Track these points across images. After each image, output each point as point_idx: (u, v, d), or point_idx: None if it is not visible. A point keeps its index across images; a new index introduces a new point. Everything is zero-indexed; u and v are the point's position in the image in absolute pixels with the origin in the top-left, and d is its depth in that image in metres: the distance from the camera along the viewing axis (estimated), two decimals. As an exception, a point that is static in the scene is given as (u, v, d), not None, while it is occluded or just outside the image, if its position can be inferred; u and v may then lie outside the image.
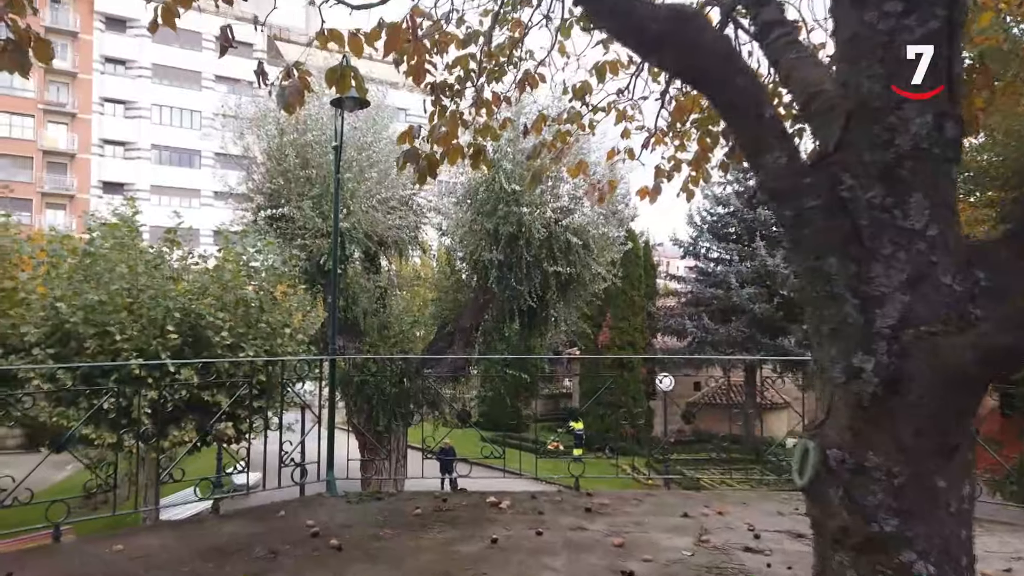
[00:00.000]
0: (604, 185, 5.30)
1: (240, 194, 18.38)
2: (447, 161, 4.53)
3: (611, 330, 29.62)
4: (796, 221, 1.98)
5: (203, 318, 13.03)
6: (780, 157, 1.96)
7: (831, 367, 1.99)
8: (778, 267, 27.15)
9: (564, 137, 4.77)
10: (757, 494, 5.03)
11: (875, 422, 1.87)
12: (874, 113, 1.83)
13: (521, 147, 15.97)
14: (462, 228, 16.40)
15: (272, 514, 4.68)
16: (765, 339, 27.97)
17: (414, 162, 4.35)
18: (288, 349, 14.09)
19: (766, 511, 4.75)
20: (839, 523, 1.93)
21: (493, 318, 17.47)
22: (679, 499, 4.99)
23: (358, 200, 16.37)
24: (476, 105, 4.38)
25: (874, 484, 1.86)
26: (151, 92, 49.73)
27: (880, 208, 1.85)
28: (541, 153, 4.77)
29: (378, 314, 18.46)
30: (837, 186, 1.89)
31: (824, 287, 1.96)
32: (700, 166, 4.87)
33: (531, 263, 16.04)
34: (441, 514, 4.65)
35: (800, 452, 2.03)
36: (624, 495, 5.05)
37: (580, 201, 16.80)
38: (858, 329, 1.90)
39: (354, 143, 16.61)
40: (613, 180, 5.19)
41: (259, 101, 18.29)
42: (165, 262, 13.57)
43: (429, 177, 4.49)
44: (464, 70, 4.33)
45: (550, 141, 4.77)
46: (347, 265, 17.98)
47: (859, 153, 1.85)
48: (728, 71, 2.05)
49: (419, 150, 4.37)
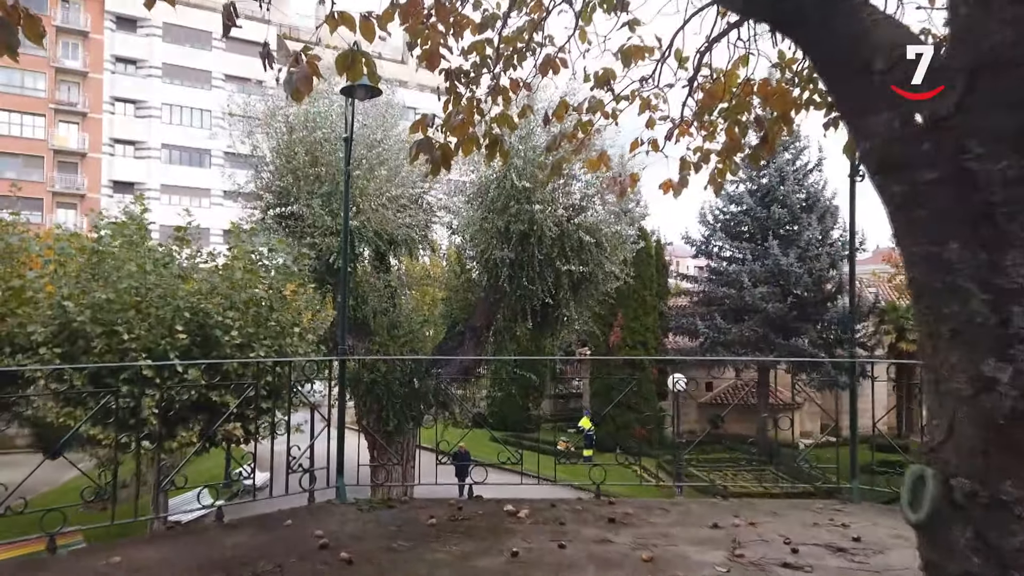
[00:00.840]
0: (625, 179, 5.05)
1: (249, 193, 18.23)
2: (462, 152, 4.30)
3: (622, 330, 29.32)
4: (909, 198, 1.66)
5: (212, 317, 12.83)
6: (892, 120, 1.65)
7: (951, 376, 1.65)
8: (791, 266, 26.79)
9: (586, 127, 4.53)
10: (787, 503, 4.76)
11: (1013, 445, 1.53)
12: (1006, 66, 1.48)
13: (533, 144, 15.73)
14: (473, 226, 16.17)
15: (279, 523, 4.44)
16: (778, 339, 27.62)
17: (427, 152, 4.12)
18: (298, 349, 13.89)
19: (801, 522, 4.48)
20: (966, 569, 1.59)
21: (504, 317, 17.24)
22: (706, 508, 4.73)
23: (368, 198, 16.17)
24: (492, 93, 4.14)
25: (1014, 523, 1.51)
26: (161, 91, 49.77)
27: (1017, 182, 1.50)
28: (561, 144, 4.52)
29: (388, 313, 18.27)
30: (961, 155, 1.56)
31: (943, 279, 1.63)
32: (728, 157, 4.61)
33: (543, 262, 15.79)
34: (457, 524, 4.41)
35: (912, 480, 1.69)
36: (649, 504, 4.78)
37: (592, 199, 16.55)
38: (989, 330, 1.56)
39: (364, 140, 16.42)
40: (635, 174, 4.92)
41: (268, 99, 18.14)
42: (174, 261, 13.39)
43: (443, 169, 4.26)
44: (480, 56, 4.10)
45: (571, 131, 4.53)
46: (356, 264, 17.79)
47: (986, 115, 1.51)
48: (828, 12, 1.75)
49: (432, 140, 4.14)
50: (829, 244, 28.54)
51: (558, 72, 3.99)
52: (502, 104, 4.16)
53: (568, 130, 4.52)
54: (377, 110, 17.26)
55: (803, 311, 28.07)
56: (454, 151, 4.23)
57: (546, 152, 4.46)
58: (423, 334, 19.97)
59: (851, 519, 4.45)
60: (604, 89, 4.41)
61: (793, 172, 28.52)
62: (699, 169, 4.57)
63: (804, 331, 27.66)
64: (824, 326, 28.77)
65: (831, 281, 28.17)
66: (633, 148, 4.74)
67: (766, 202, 28.33)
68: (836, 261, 28.23)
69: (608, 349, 29.35)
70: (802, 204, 28.17)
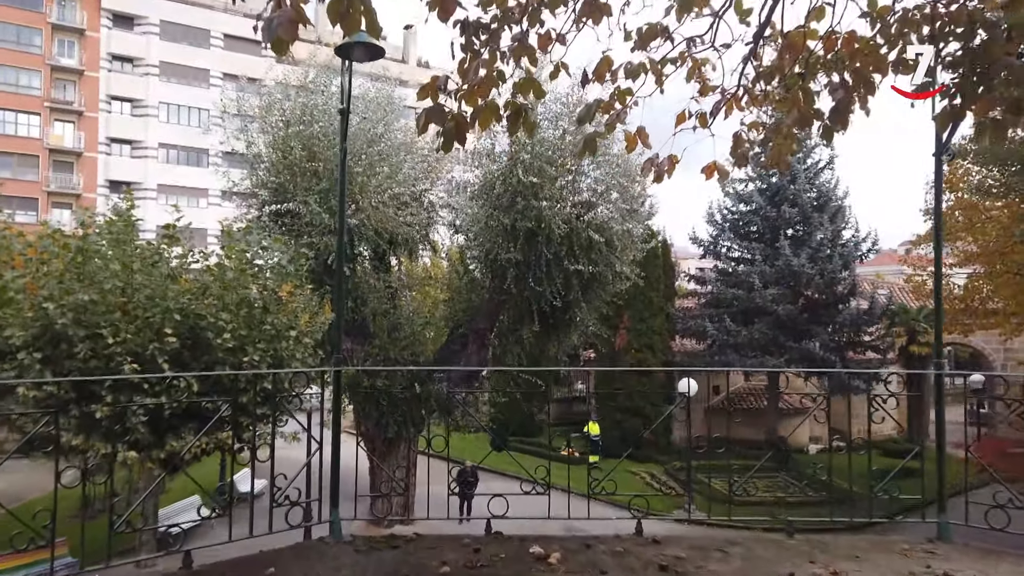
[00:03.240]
0: (663, 162, 4.35)
1: (244, 191, 17.56)
2: (479, 124, 3.62)
3: (629, 332, 28.63)
4: None
5: (203, 319, 12.14)
6: None
7: None
8: (803, 267, 26.08)
9: (623, 96, 3.84)
10: (865, 541, 4.07)
11: None
12: None
13: (541, 136, 15.05)
14: (477, 224, 15.49)
15: (259, 570, 3.73)
16: (789, 342, 26.92)
17: (438, 122, 3.44)
18: (295, 353, 13.20)
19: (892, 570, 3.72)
20: None
21: (510, 319, 16.57)
22: (772, 550, 4.01)
23: (368, 195, 15.49)
24: (516, 51, 3.45)
25: None
26: (158, 90, 49.15)
27: None
28: (595, 116, 3.83)
29: (388, 315, 17.60)
30: None
31: None
32: (789, 133, 3.93)
33: (551, 261, 15.12)
34: (475, 572, 3.69)
35: None
36: (702, 544, 4.07)
37: (602, 195, 15.87)
38: None
39: (363, 135, 15.75)
40: (674, 156, 4.23)
41: (264, 94, 17.47)
42: (163, 259, 12.68)
43: (458, 142, 3.58)
44: (501, 7, 3.41)
45: (606, 102, 3.84)
46: (356, 264, 17.12)
47: None
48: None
49: (445, 107, 3.45)
50: (841, 244, 27.84)
51: (599, 22, 3.29)
52: (527, 64, 3.47)
53: (604, 100, 3.83)
54: (378, 103, 16.61)
55: (814, 313, 27.36)
56: (470, 122, 3.55)
57: (578, 125, 3.72)
58: (424, 337, 19.31)
59: (950, 566, 3.71)
60: (647, 50, 3.72)
61: (804, 171, 27.84)
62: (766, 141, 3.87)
63: (815, 334, 26.94)
64: (835, 328, 28.07)
65: (843, 282, 27.46)
66: (680, 122, 4.05)
67: (776, 201, 27.63)
68: (848, 262, 27.53)
69: (614, 352, 28.66)
70: (813, 203, 27.47)
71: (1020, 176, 15.77)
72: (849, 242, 28.19)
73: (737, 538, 4.13)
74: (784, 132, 3.82)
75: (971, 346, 35.01)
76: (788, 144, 3.98)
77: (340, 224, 4.64)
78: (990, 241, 18.38)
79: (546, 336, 17.85)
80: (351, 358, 17.34)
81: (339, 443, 4.47)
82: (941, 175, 4.16)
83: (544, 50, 3.48)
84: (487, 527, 4.07)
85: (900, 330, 31.92)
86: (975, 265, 21.04)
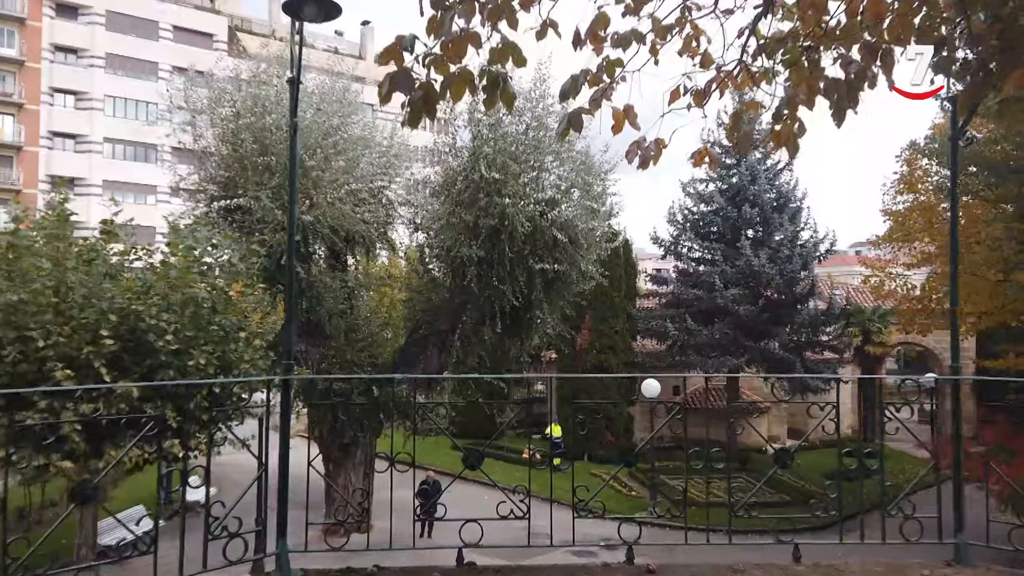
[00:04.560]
0: (650, 145, 3.93)
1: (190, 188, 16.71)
2: (450, 95, 3.14)
3: (591, 332, 28.35)
4: None
5: (144, 320, 11.37)
6: None
7: None
8: (763, 267, 26.11)
9: (612, 68, 3.40)
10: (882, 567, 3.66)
11: None
12: None
13: (504, 130, 14.61)
14: (438, 222, 14.98)
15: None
16: (749, 342, 26.94)
17: (404, 90, 2.95)
18: (244, 356, 12.50)
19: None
20: None
21: (471, 320, 16.08)
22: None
23: (323, 191, 14.86)
24: (493, 12, 2.98)
25: None
26: (104, 83, 47.35)
27: None
28: (581, 89, 3.38)
29: (344, 316, 16.96)
30: None
31: None
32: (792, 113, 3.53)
33: (514, 260, 14.69)
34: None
35: None
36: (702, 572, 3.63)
37: (566, 193, 15.50)
38: None
39: (318, 128, 15.10)
40: (661, 139, 3.82)
41: (214, 86, 16.64)
42: (101, 257, 11.85)
43: (426, 116, 3.10)
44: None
45: (593, 73, 3.40)
46: (310, 263, 16.44)
47: None
48: None
49: (412, 74, 2.97)
50: (800, 245, 27.99)
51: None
52: (507, 24, 3.00)
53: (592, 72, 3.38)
54: (334, 95, 15.97)
55: (774, 313, 27.44)
56: (441, 92, 3.06)
57: (560, 100, 3.26)
58: (383, 338, 18.70)
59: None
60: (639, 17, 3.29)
61: (764, 171, 27.92)
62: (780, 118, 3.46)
63: (775, 334, 27.02)
64: (794, 328, 28.21)
65: (802, 283, 27.60)
66: (674, 99, 3.63)
67: (737, 201, 27.62)
68: (807, 262, 27.68)
69: (576, 352, 28.36)
70: (773, 204, 27.56)
71: (978, 177, 15.90)
72: (808, 243, 28.36)
73: (740, 564, 3.72)
74: (795, 106, 3.42)
75: (922, 345, 35.68)
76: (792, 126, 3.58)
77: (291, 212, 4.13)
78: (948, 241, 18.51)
79: (508, 337, 17.40)
80: (306, 360, 16.66)
81: (287, 463, 3.92)
82: (957, 161, 3.84)
83: (526, 8, 3.02)
84: (458, 557, 3.58)
85: (855, 330, 32.31)
86: (933, 265, 21.27)
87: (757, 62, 3.66)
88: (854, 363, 33.68)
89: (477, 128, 14.73)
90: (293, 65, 3.68)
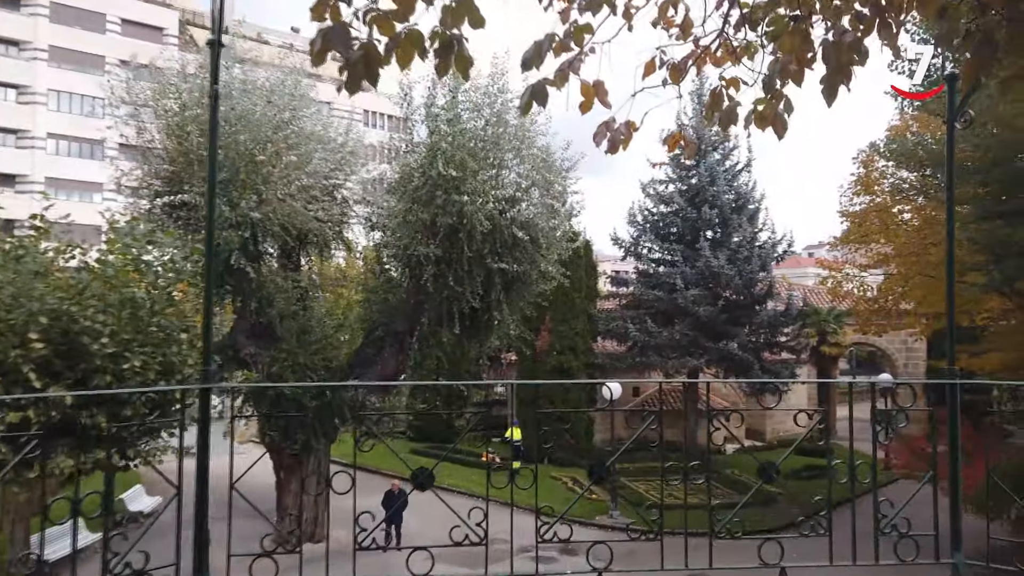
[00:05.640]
0: (619, 127, 3.56)
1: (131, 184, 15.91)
2: (397, 60, 2.72)
3: (551, 334, 28.02)
4: None
5: (78, 322, 10.67)
6: None
7: None
8: (722, 268, 26.12)
9: (580, 35, 3.02)
10: None
11: None
12: None
13: (463, 126, 14.20)
14: (395, 219, 14.49)
15: None
16: (708, 343, 26.91)
17: (340, 49, 2.53)
18: (187, 359, 11.86)
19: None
20: None
21: (429, 321, 15.60)
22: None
23: (273, 186, 14.23)
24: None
25: None
26: (47, 76, 45.54)
27: None
28: (545, 57, 2.99)
29: (297, 317, 16.33)
30: None
31: None
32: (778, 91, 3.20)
33: (472, 259, 14.28)
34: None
35: None
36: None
37: (527, 191, 15.14)
38: None
39: (268, 121, 14.48)
40: (632, 122, 3.45)
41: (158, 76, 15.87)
42: (30, 254, 11.10)
43: (368, 82, 2.68)
44: None
45: (559, 40, 3.01)
46: (261, 262, 15.80)
47: None
48: None
49: (350, 30, 2.55)
50: (758, 246, 28.08)
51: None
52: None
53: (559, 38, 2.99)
54: (286, 88, 15.34)
55: (733, 314, 27.48)
56: (385, 56, 2.64)
57: (522, 70, 2.86)
58: (338, 340, 18.10)
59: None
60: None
61: (723, 172, 27.96)
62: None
63: (734, 334, 27.05)
64: (753, 329, 28.31)
65: (760, 283, 27.71)
66: (648, 72, 3.27)
67: (696, 202, 27.60)
68: (766, 263, 27.79)
69: (536, 354, 28.00)
70: (732, 205, 27.61)
71: (933, 178, 16.01)
72: (766, 244, 28.48)
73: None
74: (787, 76, 3.07)
75: (873, 345, 36.24)
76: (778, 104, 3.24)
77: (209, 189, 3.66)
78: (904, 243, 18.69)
79: (467, 338, 16.97)
80: (256, 364, 16.00)
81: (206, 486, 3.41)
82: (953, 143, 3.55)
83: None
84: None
85: (811, 331, 32.61)
86: (889, 266, 21.45)
87: (739, 34, 3.32)
88: (810, 363, 34.03)
89: (435, 123, 14.30)
90: (214, 27, 3.23)
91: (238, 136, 13.89)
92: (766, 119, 3.12)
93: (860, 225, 20.85)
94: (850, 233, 21.69)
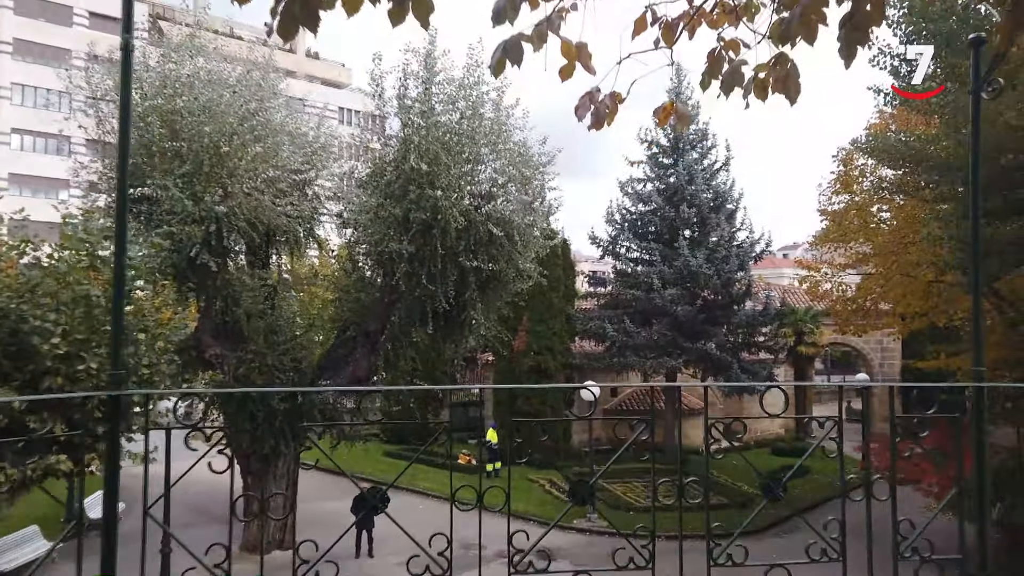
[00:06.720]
0: (604, 99, 3.17)
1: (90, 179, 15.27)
2: (342, 3, 2.30)
3: (528, 334, 27.62)
4: None
5: (28, 322, 10.08)
6: None
7: None
8: (701, 268, 25.90)
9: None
10: None
11: None
12: None
13: (435, 119, 13.74)
14: (366, 214, 13.99)
15: None
16: (687, 343, 26.69)
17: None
18: (144, 360, 11.28)
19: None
20: None
21: (402, 321, 15.12)
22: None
23: (238, 179, 13.69)
24: None
25: None
26: (11, 70, 44.34)
27: None
28: (520, 8, 2.57)
29: (265, 317, 15.77)
30: None
31: None
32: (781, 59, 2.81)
33: (446, 257, 13.83)
34: None
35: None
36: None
37: (503, 187, 14.72)
38: None
39: (234, 111, 13.91)
40: (617, 93, 3.06)
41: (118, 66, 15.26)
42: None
43: (306, 26, 2.24)
44: None
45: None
46: (226, 259, 15.22)
47: None
48: None
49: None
50: (736, 245, 27.92)
51: None
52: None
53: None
54: (251, 78, 14.78)
55: (711, 314, 27.30)
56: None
57: (494, 24, 2.43)
58: (308, 340, 17.56)
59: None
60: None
61: (701, 171, 27.73)
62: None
63: (712, 334, 26.86)
64: (731, 329, 28.15)
65: (738, 283, 27.56)
66: (639, 30, 2.87)
67: (674, 201, 27.36)
68: (744, 263, 27.63)
69: (513, 354, 27.58)
70: (710, 204, 27.41)
71: (913, 176, 15.85)
72: (744, 243, 28.33)
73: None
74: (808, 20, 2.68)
75: (848, 345, 36.35)
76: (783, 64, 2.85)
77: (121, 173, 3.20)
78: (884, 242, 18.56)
79: (442, 338, 16.51)
80: (221, 365, 15.42)
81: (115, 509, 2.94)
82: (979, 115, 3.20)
83: None
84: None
85: (789, 331, 32.57)
86: (869, 266, 21.33)
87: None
88: (787, 363, 34.00)
89: (407, 116, 13.83)
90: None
91: (203, 128, 13.31)
92: (777, 81, 2.72)
93: (839, 224, 20.71)
94: (829, 232, 21.55)
